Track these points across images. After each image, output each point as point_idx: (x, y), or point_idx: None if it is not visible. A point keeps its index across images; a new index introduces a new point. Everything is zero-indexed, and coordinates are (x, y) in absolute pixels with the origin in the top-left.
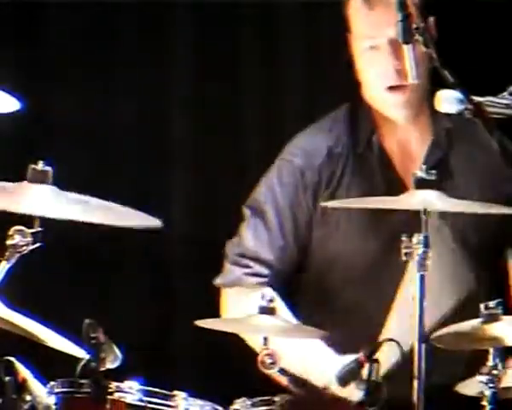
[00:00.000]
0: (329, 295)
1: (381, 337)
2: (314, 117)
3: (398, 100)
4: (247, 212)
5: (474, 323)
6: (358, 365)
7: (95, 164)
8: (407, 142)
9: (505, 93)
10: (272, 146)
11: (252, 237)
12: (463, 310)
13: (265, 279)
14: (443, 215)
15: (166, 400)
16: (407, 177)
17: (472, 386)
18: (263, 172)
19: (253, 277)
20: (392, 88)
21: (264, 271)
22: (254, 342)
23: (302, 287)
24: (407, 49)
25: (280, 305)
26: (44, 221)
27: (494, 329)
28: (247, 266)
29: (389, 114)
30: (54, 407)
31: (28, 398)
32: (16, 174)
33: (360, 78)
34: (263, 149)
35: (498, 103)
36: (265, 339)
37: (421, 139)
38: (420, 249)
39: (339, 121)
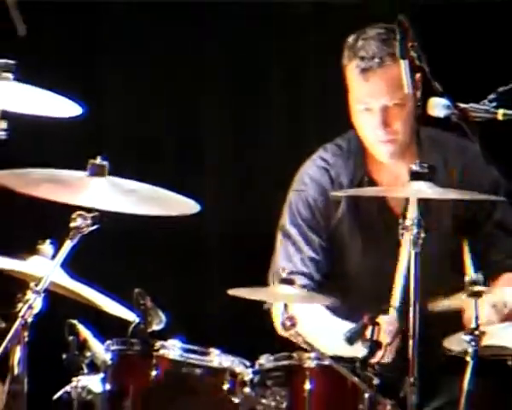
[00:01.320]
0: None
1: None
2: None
3: (387, 150)
4: (278, 237)
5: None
6: (363, 327)
7: (142, 158)
8: (396, 176)
9: (485, 100)
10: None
11: (283, 258)
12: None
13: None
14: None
15: (203, 355)
16: (397, 205)
17: (457, 344)
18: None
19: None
20: (383, 141)
21: (305, 282)
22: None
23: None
24: (404, 64)
25: None
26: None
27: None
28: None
29: (379, 159)
30: (110, 361)
31: (88, 354)
32: (78, 169)
33: (355, 125)
34: (287, 149)
35: (480, 109)
36: (285, 305)
37: (408, 166)
38: (414, 230)
39: (338, 156)
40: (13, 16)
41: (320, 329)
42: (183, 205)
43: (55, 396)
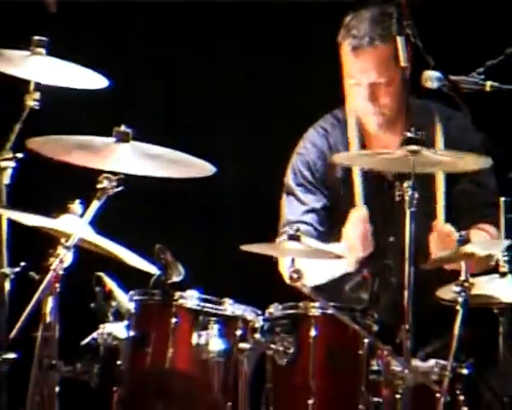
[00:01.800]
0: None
1: None
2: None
3: (375, 122)
4: (283, 194)
5: (453, 247)
6: (363, 279)
7: (161, 127)
8: (386, 145)
9: (474, 73)
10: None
11: (288, 212)
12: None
13: None
14: None
15: (217, 305)
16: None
17: (448, 294)
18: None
19: None
20: (371, 114)
21: (306, 228)
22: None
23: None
24: (400, 40)
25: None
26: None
27: (466, 249)
28: (285, 233)
29: (369, 130)
30: (133, 310)
31: (114, 304)
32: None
33: (347, 98)
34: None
35: (469, 81)
36: (293, 260)
37: (399, 137)
38: (409, 191)
39: (335, 126)
40: None
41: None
42: (200, 167)
43: (84, 342)
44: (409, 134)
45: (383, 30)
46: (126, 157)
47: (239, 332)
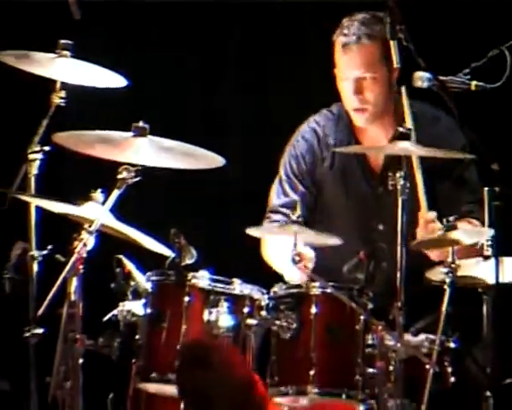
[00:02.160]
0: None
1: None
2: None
3: (360, 117)
4: (275, 181)
5: (439, 232)
6: (360, 261)
7: (175, 123)
8: (375, 140)
9: (461, 74)
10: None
11: (274, 196)
12: None
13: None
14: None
15: (227, 284)
16: (376, 161)
17: (437, 275)
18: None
19: (272, 223)
20: (356, 110)
21: (281, 218)
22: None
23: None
24: (393, 43)
25: None
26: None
27: (453, 235)
28: (269, 218)
29: (356, 123)
30: (150, 289)
31: (132, 284)
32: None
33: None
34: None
35: (456, 81)
36: (295, 244)
37: (387, 132)
38: (401, 181)
39: (329, 119)
40: (70, 2)
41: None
42: (211, 160)
43: (105, 318)
44: (400, 129)
45: (371, 30)
46: (143, 150)
47: (246, 310)
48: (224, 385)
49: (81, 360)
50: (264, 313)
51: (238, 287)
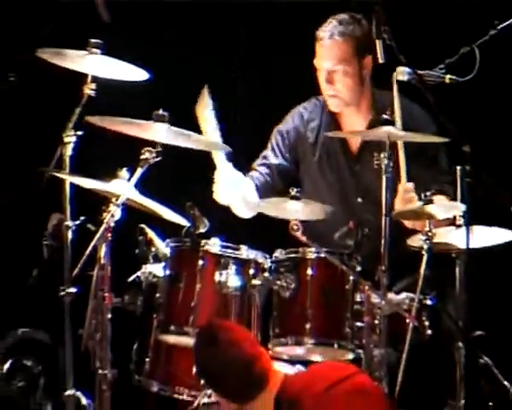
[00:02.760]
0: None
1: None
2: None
3: (332, 102)
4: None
5: (418, 205)
6: (349, 229)
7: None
8: (353, 122)
9: (437, 68)
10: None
11: (260, 157)
12: None
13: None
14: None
15: (235, 250)
16: (354, 142)
17: (416, 241)
18: None
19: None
20: (328, 96)
21: (254, 174)
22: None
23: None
24: (378, 42)
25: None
26: (163, 145)
27: (429, 209)
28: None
29: (331, 109)
30: (168, 254)
31: (153, 249)
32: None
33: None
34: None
35: (432, 75)
36: (296, 218)
37: (364, 117)
38: (385, 160)
39: (316, 106)
40: (99, 7)
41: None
42: (220, 146)
43: (130, 279)
44: (384, 116)
45: (344, 29)
46: (162, 133)
47: (252, 272)
48: (230, 360)
49: (109, 315)
50: (266, 274)
51: (245, 252)
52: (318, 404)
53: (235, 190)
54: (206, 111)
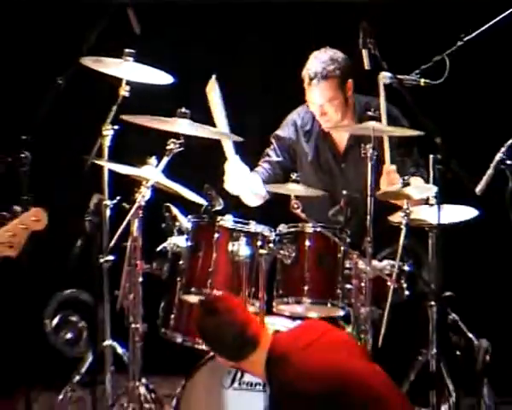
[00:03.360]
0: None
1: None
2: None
3: (327, 125)
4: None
5: (398, 187)
6: (341, 208)
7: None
8: (340, 134)
9: (413, 73)
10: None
11: (263, 157)
12: None
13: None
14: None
15: (245, 224)
16: (341, 143)
17: (396, 218)
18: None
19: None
20: (323, 121)
21: (260, 170)
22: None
23: None
24: (364, 52)
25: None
26: (185, 137)
27: (407, 190)
28: (259, 166)
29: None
30: (190, 228)
31: (177, 224)
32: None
33: None
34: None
35: (410, 79)
36: (296, 196)
37: (349, 123)
38: (371, 150)
39: (308, 113)
40: (132, 21)
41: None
42: (230, 136)
43: (158, 249)
44: (369, 113)
45: (327, 72)
46: (185, 126)
47: (259, 243)
48: (227, 326)
49: (140, 279)
50: (271, 245)
51: (253, 227)
52: (304, 357)
53: (243, 182)
54: (215, 98)
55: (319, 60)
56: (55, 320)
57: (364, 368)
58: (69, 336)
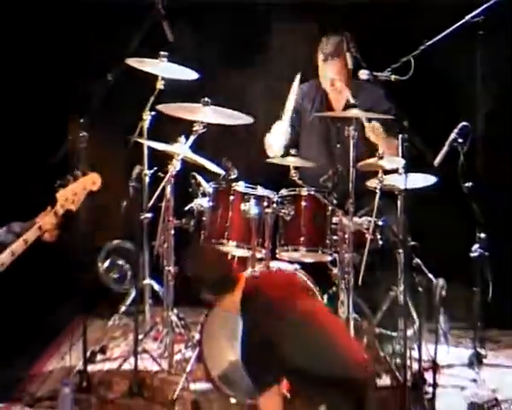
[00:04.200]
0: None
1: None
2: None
3: (334, 95)
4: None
5: (374, 159)
6: (329, 176)
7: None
8: (338, 97)
9: (386, 71)
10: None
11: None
12: None
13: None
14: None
15: (254, 189)
16: (337, 107)
17: (373, 183)
18: None
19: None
20: (332, 91)
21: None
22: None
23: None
24: (348, 55)
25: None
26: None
27: (381, 162)
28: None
29: (329, 94)
30: (211, 191)
31: (201, 188)
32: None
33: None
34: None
35: (383, 75)
36: (294, 167)
37: (343, 97)
38: (352, 132)
39: (312, 86)
40: (166, 31)
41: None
42: (246, 119)
43: (186, 208)
44: (352, 101)
45: (338, 51)
46: (207, 114)
47: (265, 203)
48: (215, 264)
49: (172, 232)
50: (275, 205)
51: (260, 191)
52: (274, 297)
53: (284, 138)
54: (291, 93)
55: (331, 42)
56: (106, 264)
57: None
58: (117, 276)
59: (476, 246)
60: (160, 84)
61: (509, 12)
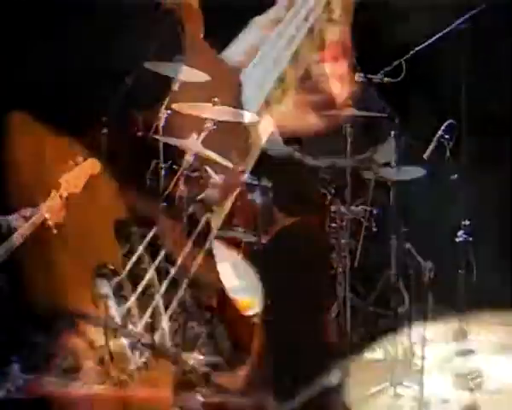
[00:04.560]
0: None
1: None
2: None
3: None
4: None
5: (368, 154)
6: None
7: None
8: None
9: (379, 73)
10: None
11: None
12: None
13: None
14: None
15: (257, 180)
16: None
17: (367, 175)
18: None
19: None
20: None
21: None
22: None
23: None
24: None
25: None
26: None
27: (375, 157)
28: None
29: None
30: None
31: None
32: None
33: None
34: None
35: (376, 77)
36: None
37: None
38: (348, 129)
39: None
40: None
41: None
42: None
43: (198, 198)
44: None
45: None
46: (216, 112)
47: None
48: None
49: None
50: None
51: (263, 181)
52: None
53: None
54: None
55: None
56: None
57: None
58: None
59: (461, 232)
60: (175, 85)
61: (496, 17)
